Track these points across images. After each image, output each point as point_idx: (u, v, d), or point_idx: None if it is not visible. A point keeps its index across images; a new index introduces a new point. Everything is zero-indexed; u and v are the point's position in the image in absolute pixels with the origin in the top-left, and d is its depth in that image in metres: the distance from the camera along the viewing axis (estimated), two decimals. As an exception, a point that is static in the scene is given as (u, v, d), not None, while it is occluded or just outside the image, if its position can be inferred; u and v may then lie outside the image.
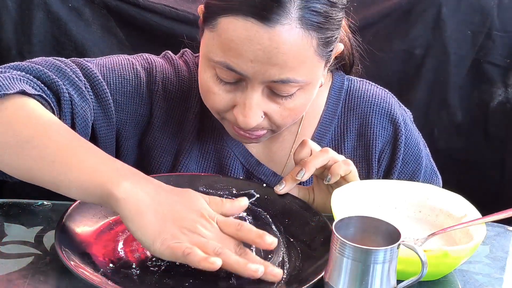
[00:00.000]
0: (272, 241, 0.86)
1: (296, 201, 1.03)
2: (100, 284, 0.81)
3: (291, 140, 1.18)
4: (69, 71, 1.05)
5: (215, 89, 1.02)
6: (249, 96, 1.00)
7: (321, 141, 1.17)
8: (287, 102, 1.02)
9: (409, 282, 0.82)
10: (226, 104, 1.03)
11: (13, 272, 0.87)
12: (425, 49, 1.58)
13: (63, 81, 1.03)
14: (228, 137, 1.16)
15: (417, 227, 1.00)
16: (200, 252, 0.82)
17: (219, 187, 1.07)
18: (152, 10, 1.54)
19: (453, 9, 1.55)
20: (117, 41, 1.57)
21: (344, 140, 1.18)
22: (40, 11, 1.51)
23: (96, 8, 1.54)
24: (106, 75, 1.10)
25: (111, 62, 1.13)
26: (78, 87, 1.04)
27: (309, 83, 1.02)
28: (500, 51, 1.56)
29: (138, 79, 1.13)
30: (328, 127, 1.18)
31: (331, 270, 0.81)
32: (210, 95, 1.03)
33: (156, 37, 1.55)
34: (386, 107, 1.19)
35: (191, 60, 1.19)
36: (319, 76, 1.04)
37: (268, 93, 1.01)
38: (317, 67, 1.02)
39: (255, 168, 1.16)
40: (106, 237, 0.94)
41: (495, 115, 1.60)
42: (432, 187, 1.04)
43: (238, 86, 1.01)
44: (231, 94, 1.02)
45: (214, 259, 0.81)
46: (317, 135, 1.18)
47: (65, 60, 1.08)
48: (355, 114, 1.19)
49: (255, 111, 1.00)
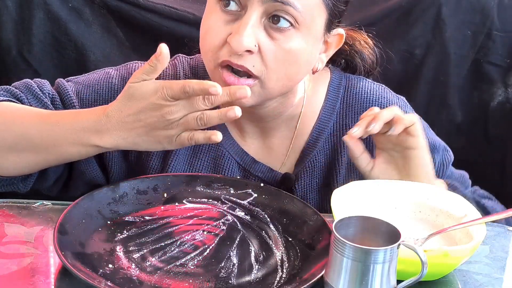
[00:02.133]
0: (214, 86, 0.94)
1: (294, 201, 1.03)
2: (99, 285, 0.82)
3: (290, 136, 1.18)
4: (35, 87, 1.13)
5: (214, 23, 1.03)
6: (246, 16, 1.00)
7: (319, 137, 1.17)
8: (282, 40, 1.02)
9: (409, 282, 0.82)
10: (222, 37, 1.02)
11: (13, 272, 0.87)
12: (425, 49, 1.58)
13: (26, 95, 1.11)
14: (222, 136, 1.15)
15: (417, 227, 1.00)
16: (196, 131, 0.97)
17: (216, 187, 1.07)
18: (152, 10, 1.54)
19: (453, 9, 1.55)
20: (117, 41, 1.57)
21: (342, 135, 1.16)
22: (40, 11, 1.51)
23: (96, 8, 1.54)
24: (81, 92, 1.15)
25: (90, 78, 1.17)
26: (41, 100, 1.11)
27: (306, 25, 1.02)
28: (500, 51, 1.56)
29: (112, 91, 1.14)
30: (326, 123, 1.18)
31: (331, 270, 0.81)
32: (209, 32, 1.04)
33: (156, 37, 1.55)
34: (385, 103, 1.19)
35: (180, 62, 1.20)
36: (318, 29, 1.05)
37: (265, 24, 1.02)
38: (317, 10, 1.03)
39: (251, 166, 1.16)
40: (105, 237, 0.94)
41: (495, 115, 1.60)
42: (432, 187, 1.04)
43: (236, 17, 1.02)
44: (228, 26, 1.02)
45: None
46: (315, 131, 1.17)
47: (41, 80, 1.16)
48: (354, 111, 1.19)
49: (248, 31, 1.00)
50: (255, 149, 1.18)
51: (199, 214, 1.02)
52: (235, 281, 0.88)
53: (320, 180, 1.17)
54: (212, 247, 0.95)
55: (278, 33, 1.01)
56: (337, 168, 1.17)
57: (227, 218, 1.02)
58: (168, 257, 0.92)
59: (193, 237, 0.97)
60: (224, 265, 0.91)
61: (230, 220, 1.01)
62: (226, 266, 0.91)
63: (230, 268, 0.91)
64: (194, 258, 0.92)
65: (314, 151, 1.17)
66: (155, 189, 1.05)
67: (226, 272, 0.90)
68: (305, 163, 1.17)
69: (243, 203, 1.05)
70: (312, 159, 1.17)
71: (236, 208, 1.04)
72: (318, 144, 1.17)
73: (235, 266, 0.91)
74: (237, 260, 0.92)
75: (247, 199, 1.05)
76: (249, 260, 0.93)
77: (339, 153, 1.17)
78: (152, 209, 1.02)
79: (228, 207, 1.04)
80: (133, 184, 1.04)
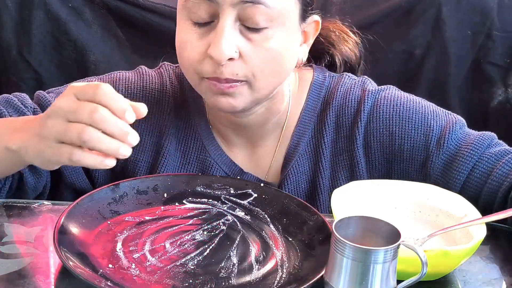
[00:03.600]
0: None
1: (294, 201, 1.03)
2: (99, 285, 0.82)
3: (275, 144, 1.16)
4: (16, 100, 1.10)
5: (188, 37, 1.01)
6: (220, 25, 0.98)
7: (300, 141, 1.14)
8: (261, 40, 1.00)
9: (409, 282, 0.82)
10: (200, 50, 1.01)
11: (13, 272, 0.87)
12: (425, 49, 1.58)
13: (7, 109, 1.09)
14: (210, 147, 1.15)
15: (417, 227, 1.00)
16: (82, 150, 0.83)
17: (216, 187, 1.07)
18: (152, 10, 1.55)
19: (453, 9, 1.55)
20: (117, 41, 1.57)
21: (323, 135, 1.15)
22: (40, 11, 1.51)
23: (96, 8, 1.54)
24: None
25: None
26: (23, 113, 1.09)
27: (281, 21, 1.00)
28: (500, 51, 1.56)
29: None
30: (307, 125, 1.15)
31: (331, 270, 0.81)
32: (185, 46, 1.02)
33: (156, 37, 1.55)
34: (360, 93, 1.14)
35: (166, 70, 1.19)
36: (293, 22, 1.03)
37: (240, 29, 1.00)
38: (289, 3, 1.02)
39: (239, 175, 1.15)
40: (105, 237, 0.94)
41: (495, 115, 1.60)
42: (432, 187, 1.04)
43: (210, 29, 1.00)
44: (204, 39, 1.00)
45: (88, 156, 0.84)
46: (295, 135, 1.15)
47: (21, 94, 1.14)
48: (332, 108, 1.14)
49: (227, 38, 0.98)
50: (242, 159, 1.17)
51: (199, 214, 1.02)
52: (235, 281, 0.88)
53: (306, 185, 1.15)
54: (212, 247, 0.95)
55: (255, 34, 1.00)
56: (321, 170, 1.14)
57: (227, 218, 1.02)
58: (168, 257, 0.92)
59: (193, 237, 0.97)
60: (224, 265, 0.91)
61: (230, 220, 1.01)
62: (226, 266, 0.91)
63: (230, 268, 0.90)
64: (194, 258, 0.92)
65: (295, 156, 1.14)
66: (155, 189, 1.05)
67: (226, 272, 0.90)
68: (288, 169, 1.14)
69: (243, 203, 1.05)
70: (295, 165, 1.14)
71: (236, 208, 1.04)
72: (299, 148, 1.14)
73: (235, 266, 0.91)
74: (237, 260, 0.92)
75: (247, 199, 1.05)
76: (249, 260, 0.93)
77: (321, 155, 1.14)
78: (152, 209, 1.02)
79: (228, 207, 1.04)
80: (133, 184, 1.04)
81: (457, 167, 1.07)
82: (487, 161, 1.06)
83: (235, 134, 1.15)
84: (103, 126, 0.81)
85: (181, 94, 1.17)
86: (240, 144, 1.16)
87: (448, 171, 1.08)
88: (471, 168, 1.07)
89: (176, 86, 1.17)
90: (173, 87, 1.17)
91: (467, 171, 1.07)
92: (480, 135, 1.10)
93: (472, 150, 1.07)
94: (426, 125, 1.10)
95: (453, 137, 1.09)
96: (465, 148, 1.08)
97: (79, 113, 0.82)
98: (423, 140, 1.10)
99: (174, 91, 1.17)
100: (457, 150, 1.08)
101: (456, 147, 1.09)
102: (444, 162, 1.08)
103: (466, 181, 1.07)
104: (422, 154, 1.10)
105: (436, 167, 1.09)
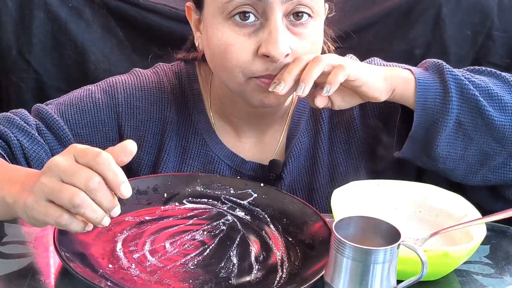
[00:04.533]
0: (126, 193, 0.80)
1: (294, 201, 1.03)
2: (99, 285, 0.82)
3: (281, 128, 1.18)
4: (17, 119, 1.09)
5: (235, 40, 1.00)
6: (273, 22, 0.99)
7: (300, 119, 1.16)
8: (307, 34, 1.01)
9: (409, 282, 0.82)
10: (250, 51, 1.00)
11: (13, 272, 0.87)
12: (425, 49, 1.58)
13: (11, 130, 1.07)
14: (211, 141, 1.16)
15: (417, 227, 1.00)
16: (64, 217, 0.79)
17: (216, 187, 1.07)
18: (152, 10, 1.54)
19: (453, 9, 1.55)
20: (117, 41, 1.57)
21: (320, 111, 1.17)
22: (40, 11, 1.51)
23: (96, 8, 1.54)
24: (64, 112, 1.13)
25: (71, 98, 1.15)
26: (27, 132, 1.08)
27: (319, 12, 1.03)
28: (500, 51, 1.56)
29: (97, 107, 1.13)
30: (305, 104, 1.17)
31: (331, 270, 0.81)
32: (231, 49, 1.01)
33: (156, 37, 1.55)
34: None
35: (162, 70, 1.19)
36: (323, 12, 1.06)
37: (287, 25, 1.01)
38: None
39: (241, 166, 1.16)
40: (105, 237, 0.94)
41: (495, 115, 1.60)
42: (432, 187, 1.04)
43: (257, 27, 1.00)
44: (252, 38, 1.00)
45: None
46: (296, 114, 1.17)
47: (20, 110, 1.12)
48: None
49: (283, 35, 0.99)
50: (249, 147, 1.18)
51: (199, 214, 1.02)
52: (235, 281, 0.88)
53: (307, 162, 1.17)
54: (212, 247, 0.95)
55: (301, 28, 1.01)
56: (320, 145, 1.16)
57: (227, 218, 1.02)
58: (168, 257, 0.92)
59: (193, 237, 0.97)
60: (224, 265, 0.91)
61: (230, 220, 1.01)
62: (226, 266, 0.91)
63: (230, 268, 0.91)
64: (194, 258, 0.92)
65: (297, 134, 1.16)
66: (155, 189, 1.05)
67: (226, 272, 0.90)
68: (291, 148, 1.16)
69: (243, 203, 1.05)
70: (297, 143, 1.16)
71: (236, 208, 1.04)
72: (300, 127, 1.16)
73: (235, 266, 0.91)
74: (237, 260, 0.92)
75: (247, 199, 1.05)
76: (249, 260, 0.93)
77: (320, 130, 1.16)
78: (152, 209, 1.02)
79: (228, 207, 1.04)
80: (133, 184, 1.03)
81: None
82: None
83: (246, 124, 1.16)
84: (94, 195, 0.78)
85: (180, 90, 1.17)
86: (249, 132, 1.17)
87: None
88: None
89: (173, 83, 1.17)
90: (171, 84, 1.17)
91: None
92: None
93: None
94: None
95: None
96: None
97: (75, 177, 0.78)
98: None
99: (173, 88, 1.17)
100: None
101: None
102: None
103: None
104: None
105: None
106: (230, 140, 1.17)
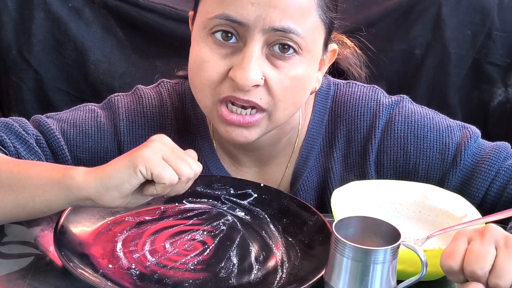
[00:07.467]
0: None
1: (293, 201, 1.03)
2: (99, 285, 0.82)
3: (286, 161, 1.13)
4: (17, 126, 1.05)
5: (210, 56, 0.97)
6: (249, 49, 0.94)
7: (308, 156, 1.11)
8: (288, 68, 0.96)
9: (409, 282, 0.82)
10: (221, 71, 0.96)
11: (13, 272, 0.87)
12: (425, 49, 1.58)
13: (8, 136, 1.04)
14: (214, 168, 1.12)
15: (417, 227, 1.00)
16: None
17: (216, 187, 1.07)
18: (152, 10, 1.55)
19: (453, 9, 1.55)
20: (117, 41, 1.57)
21: (332, 150, 1.11)
22: (40, 11, 1.51)
23: (96, 8, 1.54)
24: (67, 132, 1.09)
25: (74, 117, 1.11)
26: (25, 140, 1.04)
27: (309, 50, 0.98)
28: (500, 51, 1.56)
29: (101, 132, 1.10)
30: (315, 139, 1.11)
31: (331, 270, 0.81)
32: (204, 66, 0.97)
33: (156, 37, 1.55)
34: (375, 106, 1.10)
35: (166, 90, 1.14)
36: (318, 51, 1.00)
37: (267, 54, 0.96)
38: (317, 32, 0.98)
39: None
40: (105, 238, 0.94)
41: (495, 115, 1.60)
42: (432, 187, 1.04)
43: (235, 50, 0.96)
44: (227, 59, 0.96)
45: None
46: (304, 150, 1.11)
47: (21, 118, 1.09)
48: (342, 121, 1.11)
49: (254, 65, 0.94)
50: (251, 177, 1.13)
51: (199, 214, 1.02)
52: (235, 281, 0.88)
53: (314, 202, 1.13)
54: (212, 247, 0.95)
55: (282, 61, 0.96)
56: (330, 186, 1.11)
57: (227, 218, 1.02)
58: (168, 257, 0.92)
59: (193, 237, 0.97)
60: (224, 265, 0.91)
61: (230, 220, 1.01)
62: (226, 266, 0.91)
63: (230, 268, 0.90)
64: (194, 258, 0.92)
65: (305, 172, 1.12)
66: (155, 189, 1.05)
67: (226, 272, 0.90)
68: (298, 186, 1.12)
69: (243, 203, 1.05)
70: (305, 181, 1.12)
71: (236, 208, 1.04)
72: (309, 163, 1.12)
73: (235, 266, 0.91)
74: (237, 260, 0.92)
75: (247, 199, 1.05)
76: (249, 260, 0.93)
77: (331, 170, 1.11)
78: (152, 209, 1.02)
79: (228, 207, 1.04)
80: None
81: (475, 184, 1.06)
82: (505, 174, 1.05)
83: (245, 155, 1.13)
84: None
85: (183, 115, 1.13)
86: (248, 163, 1.14)
87: (466, 187, 1.06)
88: (489, 183, 1.05)
89: (177, 106, 1.13)
90: (174, 108, 1.13)
91: (485, 187, 1.05)
92: (495, 148, 1.07)
93: (489, 166, 1.05)
94: (442, 143, 1.08)
95: (469, 153, 1.06)
96: (482, 164, 1.06)
97: (179, 163, 0.87)
98: (439, 159, 1.07)
99: (176, 112, 1.13)
100: (474, 166, 1.06)
101: (473, 163, 1.07)
102: (461, 179, 1.07)
103: (484, 196, 1.05)
104: (438, 173, 1.08)
105: (453, 185, 1.07)
106: (232, 168, 1.14)
